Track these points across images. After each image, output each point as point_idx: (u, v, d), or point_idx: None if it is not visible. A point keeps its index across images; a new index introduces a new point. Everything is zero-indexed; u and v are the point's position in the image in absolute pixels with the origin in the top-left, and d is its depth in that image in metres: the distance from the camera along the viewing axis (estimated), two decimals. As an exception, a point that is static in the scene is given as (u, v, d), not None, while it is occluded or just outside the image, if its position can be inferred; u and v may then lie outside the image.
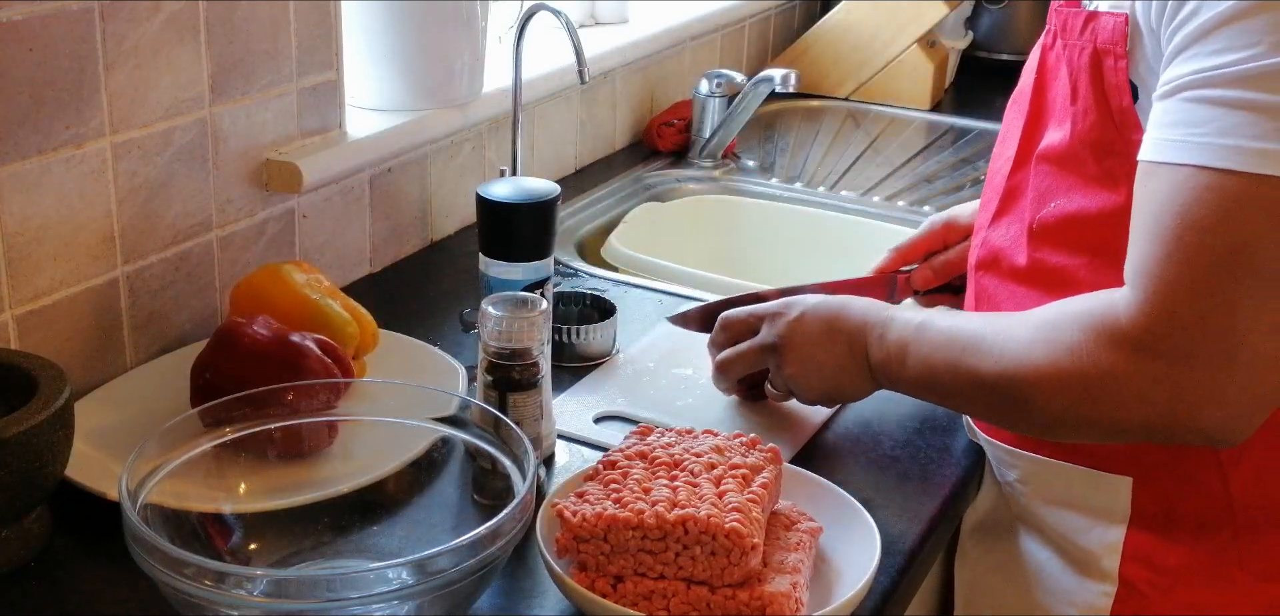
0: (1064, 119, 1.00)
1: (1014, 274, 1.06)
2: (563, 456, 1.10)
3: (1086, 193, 0.99)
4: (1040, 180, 1.03)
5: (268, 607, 0.79)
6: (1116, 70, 0.94)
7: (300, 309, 1.10)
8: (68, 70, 1.04)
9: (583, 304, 1.32)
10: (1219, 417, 0.86)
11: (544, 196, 1.13)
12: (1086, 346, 0.89)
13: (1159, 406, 0.87)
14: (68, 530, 0.96)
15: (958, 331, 1.01)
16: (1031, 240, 1.04)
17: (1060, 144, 1.01)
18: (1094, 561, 1.05)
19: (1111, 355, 0.88)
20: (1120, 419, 0.90)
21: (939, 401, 1.07)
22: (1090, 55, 0.96)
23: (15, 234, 1.03)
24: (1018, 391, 0.94)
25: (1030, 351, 0.93)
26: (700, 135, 1.94)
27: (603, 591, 0.86)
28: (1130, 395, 0.88)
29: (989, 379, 0.96)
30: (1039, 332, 0.93)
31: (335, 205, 1.38)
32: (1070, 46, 0.99)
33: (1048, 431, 1.00)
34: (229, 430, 0.94)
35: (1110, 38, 0.94)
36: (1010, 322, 0.97)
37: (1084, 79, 0.97)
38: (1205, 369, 0.85)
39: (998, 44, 2.50)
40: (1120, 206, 0.93)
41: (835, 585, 0.92)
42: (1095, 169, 0.98)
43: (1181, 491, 1.00)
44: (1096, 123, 0.97)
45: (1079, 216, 1.00)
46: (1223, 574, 1.01)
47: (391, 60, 1.43)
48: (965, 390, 0.99)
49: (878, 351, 1.06)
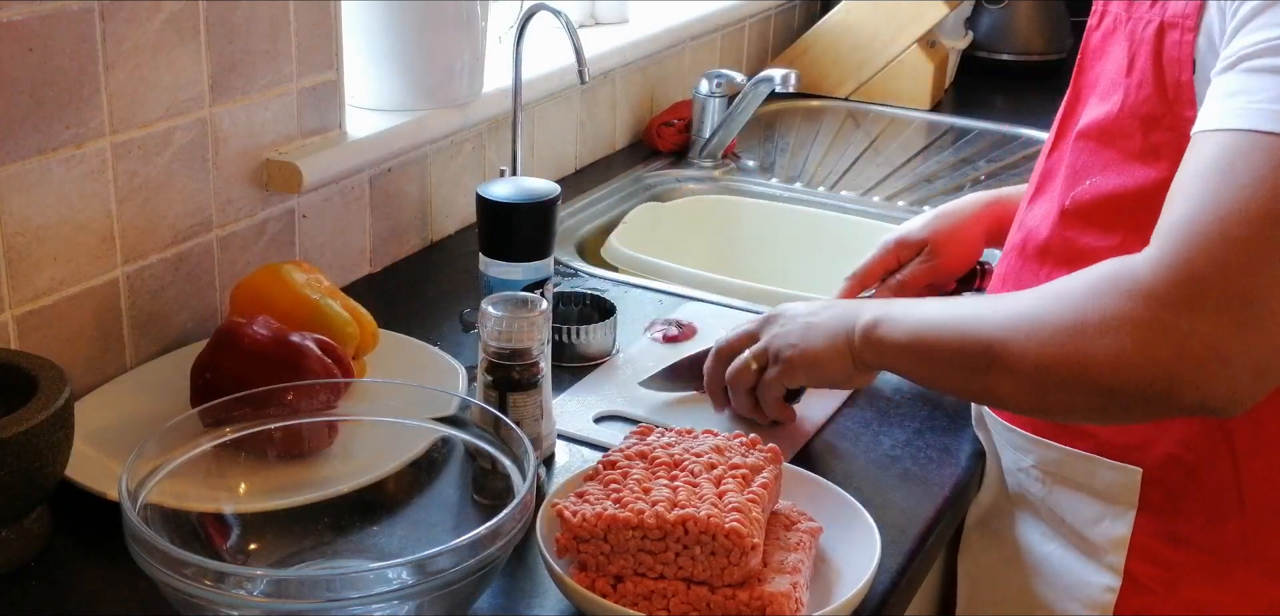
0: (1112, 92, 0.99)
1: (1041, 254, 1.05)
2: (563, 456, 1.10)
3: (1125, 169, 0.98)
4: (1077, 158, 1.02)
5: (268, 607, 0.79)
6: (1181, 44, 0.93)
7: (300, 309, 1.10)
8: (68, 70, 1.04)
9: (583, 304, 1.32)
10: (1222, 381, 0.83)
11: (544, 196, 1.13)
12: (1094, 298, 0.87)
13: (1160, 360, 0.84)
14: (68, 530, 0.96)
15: (956, 301, 1.00)
16: (1063, 219, 1.03)
17: (1105, 117, 1.00)
18: (1100, 555, 1.05)
19: (1118, 302, 0.85)
20: (1116, 373, 0.86)
21: (924, 371, 1.03)
22: (1156, 28, 0.95)
23: (15, 234, 1.03)
24: (1007, 347, 0.91)
25: (1031, 308, 0.91)
26: (700, 135, 1.94)
27: (603, 591, 0.86)
28: (1130, 343, 0.84)
29: (982, 335, 0.93)
30: (1046, 292, 0.92)
31: (335, 205, 1.38)
32: (1135, 20, 0.98)
33: (1035, 391, 0.93)
34: (229, 430, 0.94)
35: (1182, 11, 0.94)
36: (1017, 293, 0.97)
37: (1145, 50, 0.96)
38: (1215, 322, 0.82)
39: (998, 44, 2.50)
40: (1159, 183, 0.92)
41: (835, 585, 0.92)
42: (1140, 143, 0.97)
43: (1192, 483, 1.00)
44: (1151, 95, 0.96)
45: (1116, 194, 0.99)
46: (1228, 570, 1.01)
47: (391, 60, 1.43)
48: (953, 348, 0.96)
49: (870, 312, 1.05)
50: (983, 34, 2.50)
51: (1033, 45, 2.50)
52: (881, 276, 1.31)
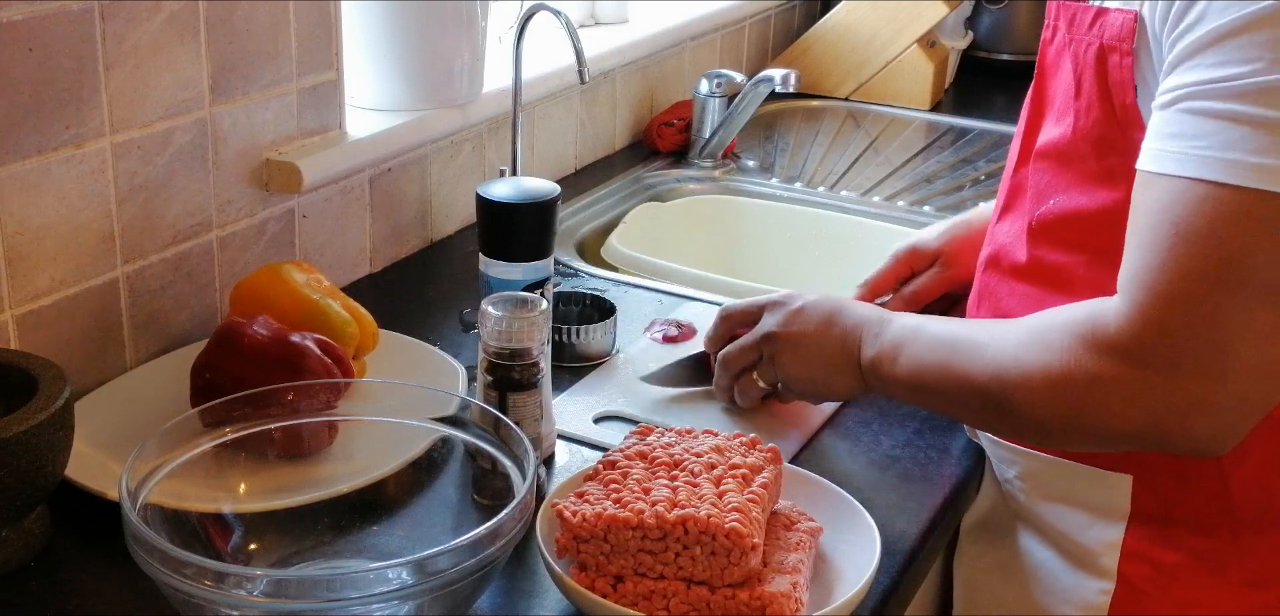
0: (1065, 114, 1.00)
1: (1014, 271, 1.06)
2: (563, 456, 1.10)
3: (1085, 190, 0.99)
4: (1039, 177, 1.03)
5: (268, 607, 0.79)
6: (1122, 67, 0.94)
7: (300, 309, 1.10)
8: (68, 70, 1.04)
9: (583, 304, 1.32)
10: (1207, 426, 0.86)
11: (544, 196, 1.13)
12: (1075, 352, 0.90)
13: (1147, 415, 0.87)
14: (68, 530, 0.96)
15: (952, 334, 1.01)
16: (1031, 237, 1.04)
17: (1061, 139, 1.00)
18: (1093, 558, 1.05)
19: (1099, 362, 0.88)
20: (1109, 426, 0.90)
21: (928, 404, 1.07)
22: (1097, 51, 0.96)
23: (15, 234, 1.03)
24: (1006, 396, 0.94)
25: (1019, 356, 0.93)
26: (700, 135, 1.94)
27: (603, 591, 0.86)
28: (1118, 402, 0.88)
29: (978, 382, 0.96)
30: (1029, 337, 0.93)
31: (335, 205, 1.38)
32: (1077, 41, 0.98)
33: (1037, 437, 1.00)
34: (229, 430, 0.94)
35: (1118, 34, 0.94)
36: (1003, 328, 0.98)
37: (1089, 75, 0.97)
38: (1193, 378, 0.85)
39: (998, 44, 2.50)
40: (1119, 205, 0.93)
41: (835, 585, 0.92)
42: (1096, 166, 0.98)
43: (1182, 490, 1.00)
44: (1100, 119, 0.97)
45: (1077, 214, 1.00)
46: (1219, 574, 1.01)
47: (391, 60, 1.43)
48: (953, 392, 1.00)
49: (871, 348, 1.06)
50: (983, 34, 2.50)
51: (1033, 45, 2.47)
52: (894, 285, 1.32)
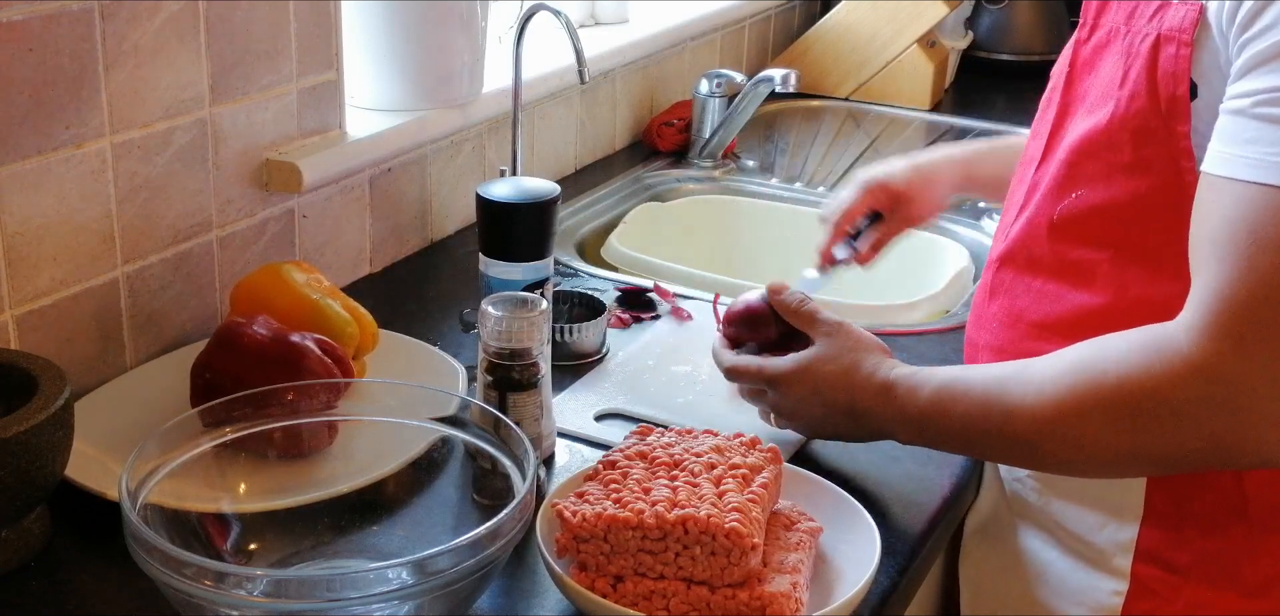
0: (1103, 104, 0.99)
1: (1032, 266, 1.05)
2: (563, 456, 1.10)
3: (1113, 182, 0.98)
4: (1065, 171, 1.02)
5: (268, 607, 0.79)
6: (1177, 58, 0.93)
7: (300, 309, 1.10)
8: (68, 70, 1.04)
9: (572, 303, 1.32)
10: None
11: (544, 196, 1.14)
12: (1141, 380, 0.87)
13: (1224, 434, 0.86)
14: (68, 530, 0.96)
15: (982, 376, 0.98)
16: (1052, 233, 1.03)
17: (1094, 129, 0.99)
18: (1106, 559, 1.04)
19: (1172, 385, 0.86)
20: (1180, 449, 0.88)
21: (955, 446, 1.03)
22: (1153, 41, 0.95)
23: (15, 234, 1.03)
24: (1052, 441, 0.92)
25: (1074, 387, 0.91)
26: (700, 135, 1.94)
27: (603, 591, 0.86)
28: (1191, 425, 0.86)
29: (1026, 415, 0.93)
30: (1078, 368, 0.91)
31: (335, 205, 1.38)
32: (1134, 31, 0.97)
33: (1092, 470, 0.97)
34: (229, 430, 0.94)
35: (1178, 25, 0.93)
36: (1041, 365, 0.94)
37: (1139, 63, 0.96)
38: (1270, 391, 0.84)
39: (998, 44, 2.50)
40: (1148, 196, 0.92)
41: (835, 585, 0.92)
42: (1130, 155, 0.97)
43: (1195, 489, 1.00)
44: (1143, 107, 0.95)
45: (1103, 207, 0.99)
46: (1233, 574, 1.00)
47: (391, 60, 1.43)
48: (998, 432, 0.95)
49: (886, 372, 1.02)
50: (983, 34, 2.50)
51: (1033, 45, 2.50)
52: (863, 213, 1.35)
